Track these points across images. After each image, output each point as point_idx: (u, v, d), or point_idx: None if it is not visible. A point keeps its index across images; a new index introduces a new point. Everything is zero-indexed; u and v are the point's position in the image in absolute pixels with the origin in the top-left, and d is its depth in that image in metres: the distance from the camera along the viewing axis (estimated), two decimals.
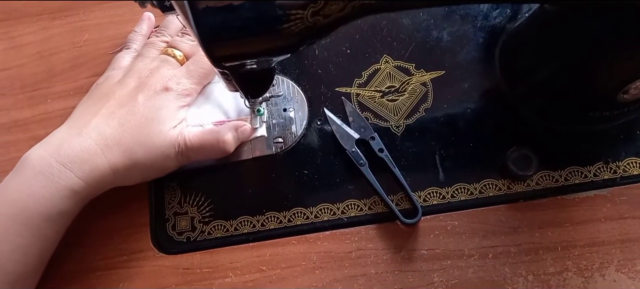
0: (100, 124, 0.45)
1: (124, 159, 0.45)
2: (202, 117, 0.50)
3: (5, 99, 0.56)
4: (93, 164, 0.44)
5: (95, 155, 0.44)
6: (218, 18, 0.30)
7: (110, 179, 0.45)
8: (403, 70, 0.53)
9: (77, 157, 0.43)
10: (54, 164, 0.43)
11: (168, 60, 0.49)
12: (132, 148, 0.45)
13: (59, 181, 0.42)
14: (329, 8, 0.30)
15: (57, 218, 0.43)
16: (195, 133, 0.47)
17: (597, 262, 0.45)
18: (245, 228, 0.48)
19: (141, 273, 0.47)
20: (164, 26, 0.52)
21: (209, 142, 0.47)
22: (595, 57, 0.43)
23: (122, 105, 0.46)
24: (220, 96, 0.51)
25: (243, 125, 0.49)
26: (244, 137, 0.49)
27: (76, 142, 0.44)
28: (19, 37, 0.59)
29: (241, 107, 0.51)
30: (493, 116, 0.50)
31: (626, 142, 0.48)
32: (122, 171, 0.45)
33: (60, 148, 0.43)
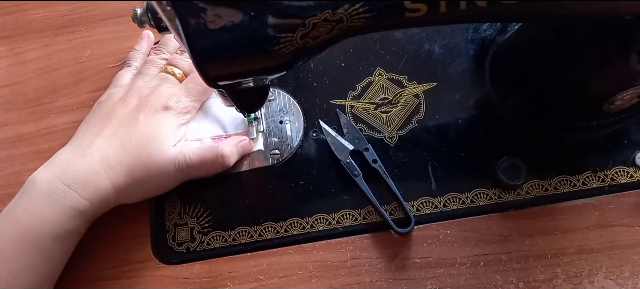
0: (103, 144, 0.46)
1: (127, 178, 0.46)
2: (200, 132, 0.51)
3: (9, 113, 0.57)
4: (97, 185, 0.45)
5: (98, 175, 0.45)
6: (211, 39, 0.31)
7: (114, 198, 0.46)
8: (396, 83, 0.54)
9: (82, 178, 0.44)
10: (60, 185, 0.44)
11: (167, 78, 0.50)
12: (134, 167, 0.46)
13: (65, 201, 0.44)
14: (317, 30, 0.32)
15: (64, 237, 0.44)
16: (195, 150, 0.48)
17: (586, 269, 0.45)
18: (243, 238, 0.49)
19: (142, 282, 0.49)
20: (163, 44, 0.53)
21: (209, 158, 0.48)
22: (581, 70, 0.44)
23: (123, 125, 0.47)
24: (218, 111, 0.52)
25: (242, 139, 0.50)
26: (244, 151, 0.51)
27: (80, 163, 0.45)
28: (23, 53, 0.60)
29: (239, 121, 0.52)
30: (484, 126, 0.52)
31: (614, 152, 0.49)
32: (125, 190, 0.46)
33: (65, 169, 0.45)
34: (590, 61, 0.44)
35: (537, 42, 0.48)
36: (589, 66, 0.44)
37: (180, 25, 0.31)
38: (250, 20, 0.31)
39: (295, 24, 0.31)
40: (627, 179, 0.48)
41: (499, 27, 0.55)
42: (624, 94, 0.44)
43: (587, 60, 0.43)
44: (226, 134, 0.52)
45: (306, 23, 0.31)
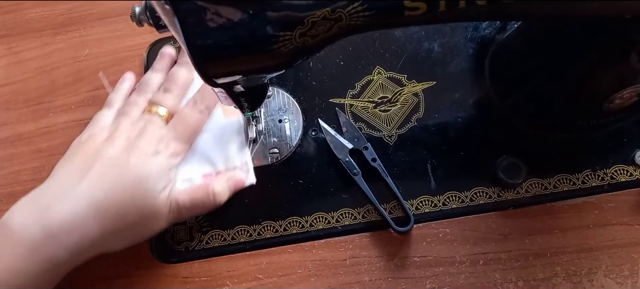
0: (91, 186, 0.43)
1: (116, 222, 0.43)
2: (190, 171, 0.49)
3: (9, 113, 0.57)
4: (82, 231, 0.42)
5: (85, 220, 0.42)
6: (209, 38, 0.31)
7: (98, 246, 0.43)
8: (395, 81, 0.54)
9: (67, 223, 0.41)
10: (38, 233, 0.40)
11: (153, 119, 0.47)
12: (124, 211, 0.43)
13: (41, 252, 0.40)
14: (316, 29, 0.32)
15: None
16: (186, 191, 0.47)
17: (585, 268, 0.45)
18: (242, 237, 0.49)
19: (142, 281, 0.49)
20: (145, 83, 0.51)
21: (200, 197, 0.47)
22: (581, 68, 0.44)
23: (112, 166, 0.44)
24: (206, 147, 0.50)
25: (234, 176, 0.49)
26: (236, 187, 0.49)
27: (66, 206, 0.42)
28: (22, 52, 0.60)
29: (229, 156, 0.50)
30: (483, 125, 0.51)
31: (613, 150, 0.49)
32: (113, 236, 0.44)
33: (47, 213, 0.41)
34: (590, 60, 0.43)
35: (536, 41, 0.48)
36: (589, 65, 0.44)
37: (179, 24, 0.31)
38: (249, 18, 0.31)
39: (294, 23, 0.31)
40: (626, 177, 0.48)
41: (498, 25, 0.55)
42: (624, 93, 0.44)
43: (587, 59, 0.43)
44: (217, 170, 0.50)
45: (305, 21, 0.31)
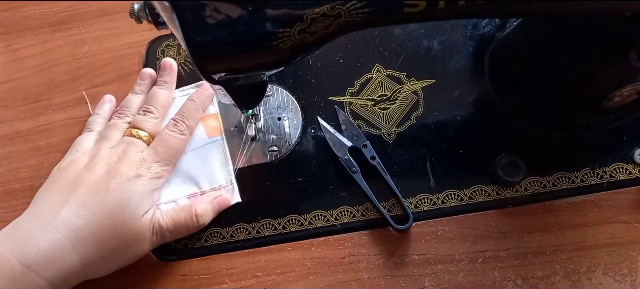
0: (70, 215, 0.42)
1: (98, 250, 0.43)
2: (174, 192, 0.49)
3: (7, 110, 0.57)
4: (62, 262, 0.41)
5: (64, 251, 0.41)
6: (208, 35, 0.31)
7: (80, 274, 0.43)
8: (394, 79, 0.54)
9: (44, 256, 0.40)
10: (17, 266, 0.39)
11: (133, 142, 0.47)
12: (105, 238, 0.43)
13: (21, 284, 0.39)
14: (315, 26, 0.32)
15: None
16: (169, 213, 0.46)
17: (584, 266, 0.45)
18: (241, 235, 0.49)
19: (141, 279, 0.48)
20: (126, 106, 0.51)
21: (183, 219, 0.46)
22: (580, 67, 0.44)
23: (92, 193, 0.43)
24: (190, 167, 0.50)
25: (218, 195, 0.49)
26: (220, 207, 0.49)
27: (43, 238, 0.41)
28: (21, 50, 0.60)
29: (213, 175, 0.50)
30: (482, 123, 0.51)
31: (612, 149, 0.49)
32: (96, 263, 0.43)
33: (25, 246, 0.40)
34: (589, 58, 0.43)
35: (536, 39, 0.48)
36: (588, 63, 0.44)
37: (178, 21, 0.31)
38: (248, 15, 0.30)
39: (293, 19, 0.31)
40: (625, 176, 0.48)
41: (498, 23, 0.55)
42: (623, 91, 0.44)
43: (587, 58, 0.43)
44: (201, 191, 0.50)
45: (304, 18, 0.31)
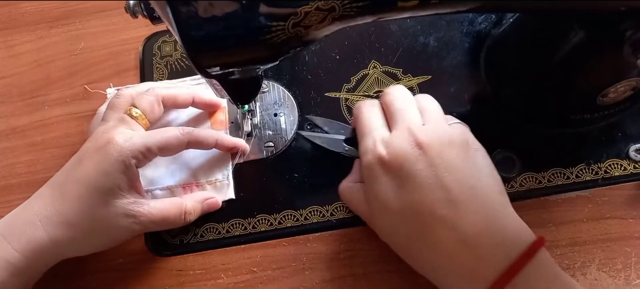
0: (44, 193, 0.43)
1: (67, 230, 0.42)
2: (170, 179, 0.49)
3: (3, 106, 0.57)
4: (30, 236, 0.41)
5: (33, 227, 0.41)
6: (202, 29, 0.31)
7: (54, 252, 0.43)
8: (391, 75, 0.54)
9: (17, 228, 0.42)
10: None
11: (125, 119, 0.45)
12: (74, 218, 0.42)
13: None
14: (309, 19, 0.32)
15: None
16: (157, 206, 0.45)
17: (578, 261, 0.46)
18: (236, 231, 0.49)
19: (136, 275, 0.49)
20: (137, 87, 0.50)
21: (173, 215, 0.45)
22: (575, 62, 0.44)
23: (65, 171, 0.44)
24: (189, 156, 0.50)
25: (209, 198, 0.48)
26: (209, 209, 0.48)
27: (20, 212, 0.43)
28: (17, 46, 0.60)
29: (211, 169, 0.50)
30: (478, 119, 0.51)
31: (607, 144, 0.49)
32: (67, 243, 0.42)
33: (7, 220, 0.43)
34: (584, 54, 0.43)
35: (531, 36, 0.48)
36: (583, 59, 0.44)
37: (172, 15, 0.31)
38: (242, 9, 0.31)
39: (287, 13, 0.31)
40: (620, 171, 0.48)
41: (494, 20, 0.55)
42: (618, 86, 0.44)
43: (581, 53, 0.43)
44: (197, 182, 0.50)
45: (298, 12, 0.31)
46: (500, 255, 0.35)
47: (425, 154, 0.38)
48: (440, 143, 0.39)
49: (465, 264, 0.36)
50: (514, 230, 0.37)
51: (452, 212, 0.37)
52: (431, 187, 0.37)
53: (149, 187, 0.49)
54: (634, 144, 0.48)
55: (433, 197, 0.37)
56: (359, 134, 0.44)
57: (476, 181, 0.38)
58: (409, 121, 0.41)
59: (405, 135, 0.40)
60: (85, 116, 0.56)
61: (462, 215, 0.37)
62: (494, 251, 0.36)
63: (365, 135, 0.42)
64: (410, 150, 0.39)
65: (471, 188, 0.38)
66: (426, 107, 0.43)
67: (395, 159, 0.39)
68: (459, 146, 0.39)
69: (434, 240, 0.37)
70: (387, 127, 0.42)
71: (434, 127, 0.41)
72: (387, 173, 0.39)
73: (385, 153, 0.40)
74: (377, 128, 0.42)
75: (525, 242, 0.36)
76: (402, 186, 0.39)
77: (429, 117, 0.42)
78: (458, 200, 0.37)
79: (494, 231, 0.36)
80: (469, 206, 0.37)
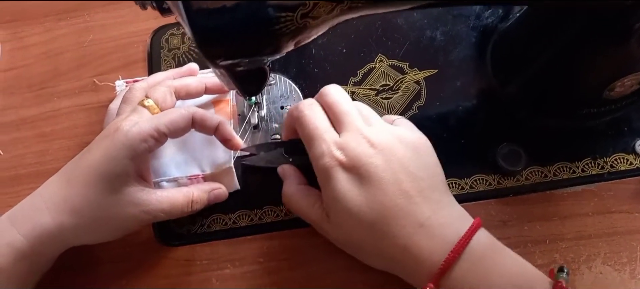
0: (53, 181, 0.43)
1: (73, 218, 0.42)
2: (177, 171, 0.49)
3: (13, 97, 0.58)
4: (36, 222, 0.42)
5: (39, 212, 0.42)
6: (211, 19, 0.32)
7: (61, 238, 0.43)
8: (397, 69, 0.54)
9: (24, 214, 0.42)
10: (4, 219, 0.42)
11: (137, 109, 0.44)
12: (79, 206, 0.42)
13: (2, 238, 0.42)
14: (318, 10, 0.32)
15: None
16: (165, 195, 0.45)
17: (584, 255, 0.46)
18: (243, 221, 0.50)
19: (143, 264, 0.49)
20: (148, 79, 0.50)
21: (180, 204, 0.45)
22: (582, 56, 0.44)
23: (76, 158, 0.44)
24: (195, 148, 0.50)
25: (217, 188, 0.49)
26: (216, 200, 0.49)
27: (28, 199, 0.43)
28: (26, 37, 0.61)
29: (217, 160, 0.50)
30: (484, 113, 0.52)
31: (614, 139, 0.49)
32: (74, 230, 0.42)
33: (16, 207, 0.43)
34: (590, 48, 0.43)
35: (538, 30, 0.48)
36: (590, 53, 0.44)
37: (182, 5, 0.31)
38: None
39: (295, 4, 0.31)
40: (626, 166, 0.48)
41: (500, 14, 0.55)
42: (625, 80, 0.44)
43: (588, 47, 0.43)
44: (203, 174, 0.50)
45: (307, 2, 0.31)
46: (450, 233, 0.39)
47: (380, 152, 0.41)
48: (391, 141, 0.42)
49: (423, 244, 0.39)
50: (458, 213, 0.42)
51: (406, 201, 0.40)
52: (389, 181, 0.40)
53: (155, 179, 0.50)
54: None
55: (392, 189, 0.40)
56: (307, 139, 0.44)
57: (423, 173, 0.41)
58: (358, 123, 0.43)
59: (358, 136, 0.42)
60: (93, 107, 0.56)
61: (415, 202, 0.40)
62: (445, 230, 0.40)
63: (315, 140, 0.43)
64: (367, 149, 0.41)
65: (420, 179, 0.41)
66: (363, 112, 0.45)
67: (354, 160, 0.41)
68: (405, 142, 0.42)
69: (394, 231, 0.40)
70: (333, 129, 0.44)
71: (381, 129, 0.43)
72: (347, 173, 0.41)
73: (343, 156, 0.41)
74: (326, 131, 0.43)
75: (468, 221, 0.41)
76: (362, 184, 0.41)
77: (370, 120, 0.44)
78: (410, 191, 0.40)
79: (443, 214, 0.40)
80: (419, 195, 0.40)
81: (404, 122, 0.46)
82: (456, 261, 0.38)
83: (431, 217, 0.40)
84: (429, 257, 0.39)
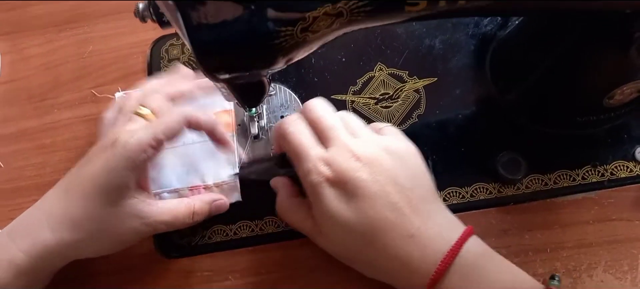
0: (51, 194, 0.43)
1: (72, 231, 0.42)
2: (178, 182, 0.49)
3: (12, 109, 0.58)
4: (36, 238, 0.41)
5: (39, 227, 0.41)
6: (211, 33, 0.32)
7: (60, 253, 0.42)
8: (396, 78, 0.54)
9: (24, 229, 0.42)
10: (3, 234, 0.42)
11: (133, 118, 0.44)
12: (80, 219, 0.42)
13: (2, 253, 0.41)
14: (317, 24, 0.32)
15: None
16: (166, 206, 0.45)
17: (585, 263, 0.46)
18: (244, 233, 0.50)
19: (144, 276, 0.49)
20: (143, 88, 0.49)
21: (182, 215, 0.45)
22: (581, 64, 0.44)
23: (73, 172, 0.43)
24: (197, 159, 0.50)
25: (219, 199, 0.49)
26: (217, 211, 0.49)
27: (27, 213, 0.43)
28: (26, 49, 0.61)
29: (217, 172, 0.50)
30: (484, 121, 0.52)
31: (613, 146, 0.49)
32: (72, 244, 0.42)
33: (15, 222, 0.43)
34: (590, 56, 0.44)
35: (537, 38, 0.48)
36: (589, 61, 0.44)
37: (181, 19, 0.31)
38: (251, 14, 0.31)
39: (295, 18, 0.31)
40: (626, 173, 0.48)
41: (499, 22, 0.55)
42: (624, 88, 0.44)
43: (587, 55, 0.44)
44: (204, 185, 0.50)
45: (306, 17, 0.31)
46: (441, 243, 0.39)
47: (366, 166, 0.40)
48: (377, 153, 0.41)
49: (414, 255, 0.39)
50: (448, 221, 0.41)
51: (395, 213, 0.40)
52: (377, 195, 0.40)
53: (156, 190, 0.50)
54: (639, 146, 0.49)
55: (380, 203, 0.40)
56: (293, 156, 0.44)
57: (411, 183, 0.41)
58: (343, 136, 0.42)
59: (344, 151, 0.41)
60: (94, 118, 0.56)
61: (404, 214, 0.40)
62: (435, 240, 0.39)
63: (301, 157, 0.43)
64: (353, 164, 0.40)
65: (409, 190, 0.40)
66: (349, 123, 0.44)
67: (341, 175, 0.40)
68: (392, 152, 0.42)
69: (384, 243, 0.40)
70: (319, 144, 0.43)
71: (367, 140, 0.43)
72: (335, 190, 0.41)
73: (330, 172, 0.41)
74: (312, 147, 0.42)
75: (459, 229, 0.40)
76: (351, 199, 0.40)
77: (356, 132, 0.43)
78: (399, 202, 0.40)
79: (433, 223, 0.40)
80: (408, 205, 0.40)
81: (391, 130, 0.45)
82: (447, 271, 0.38)
83: (421, 227, 0.40)
84: (421, 268, 0.39)
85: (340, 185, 0.40)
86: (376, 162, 0.41)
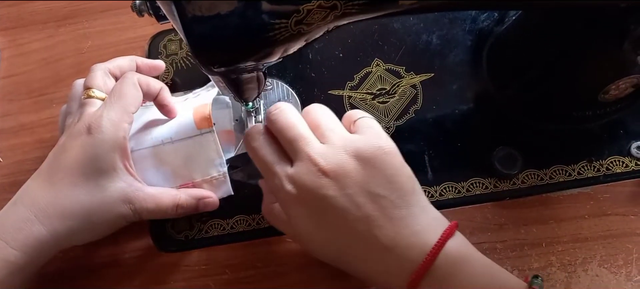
0: (31, 188, 0.43)
1: (64, 222, 0.42)
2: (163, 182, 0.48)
3: (12, 103, 0.58)
4: (28, 233, 0.41)
5: (28, 222, 0.41)
6: (206, 26, 0.32)
7: (53, 244, 0.42)
8: (393, 73, 0.54)
9: (11, 226, 0.41)
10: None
11: (89, 102, 0.45)
12: (71, 209, 0.42)
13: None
14: (312, 17, 0.32)
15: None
16: (151, 193, 0.45)
17: (580, 257, 0.46)
18: (241, 227, 0.50)
19: (141, 270, 0.49)
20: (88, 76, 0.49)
21: (165, 204, 0.45)
22: (576, 59, 0.45)
23: (49, 162, 0.44)
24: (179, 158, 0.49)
25: (206, 198, 0.48)
26: (205, 208, 0.48)
27: (11, 211, 0.42)
28: (26, 44, 0.61)
29: (205, 168, 0.49)
30: (480, 116, 0.52)
31: (609, 141, 0.49)
32: (65, 234, 0.42)
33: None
34: (585, 51, 0.44)
35: (533, 33, 0.48)
36: (584, 56, 0.44)
37: (177, 13, 0.32)
38: (245, 6, 0.31)
39: (289, 11, 0.32)
40: (622, 168, 0.48)
41: (496, 18, 0.55)
42: (619, 83, 0.44)
43: (583, 50, 0.44)
44: (193, 182, 0.49)
45: (300, 9, 0.32)
46: (415, 253, 0.37)
47: (333, 180, 0.38)
48: (345, 163, 0.39)
49: (391, 264, 0.38)
50: (427, 223, 0.38)
51: (367, 226, 0.38)
52: (347, 209, 0.38)
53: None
54: (635, 141, 0.49)
55: (351, 217, 0.38)
56: (262, 173, 0.43)
57: (384, 189, 0.38)
58: (307, 148, 0.40)
59: (309, 166, 0.39)
60: None
61: (378, 225, 0.38)
62: (410, 250, 0.37)
63: (267, 174, 0.42)
64: (317, 181, 0.38)
65: (381, 197, 0.38)
66: (320, 122, 0.42)
67: (307, 194, 0.39)
68: (362, 157, 0.39)
69: (359, 257, 0.39)
70: (285, 158, 0.41)
71: (335, 145, 0.40)
72: (304, 208, 0.39)
73: (296, 191, 0.39)
74: (276, 163, 0.41)
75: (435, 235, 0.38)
76: (321, 217, 0.39)
77: (324, 133, 0.41)
78: (371, 213, 0.38)
79: (409, 231, 0.38)
80: (382, 215, 0.38)
81: (366, 123, 0.42)
82: (423, 279, 0.36)
83: (395, 238, 0.37)
84: (396, 279, 0.37)
85: (309, 204, 0.39)
86: (344, 173, 0.38)
